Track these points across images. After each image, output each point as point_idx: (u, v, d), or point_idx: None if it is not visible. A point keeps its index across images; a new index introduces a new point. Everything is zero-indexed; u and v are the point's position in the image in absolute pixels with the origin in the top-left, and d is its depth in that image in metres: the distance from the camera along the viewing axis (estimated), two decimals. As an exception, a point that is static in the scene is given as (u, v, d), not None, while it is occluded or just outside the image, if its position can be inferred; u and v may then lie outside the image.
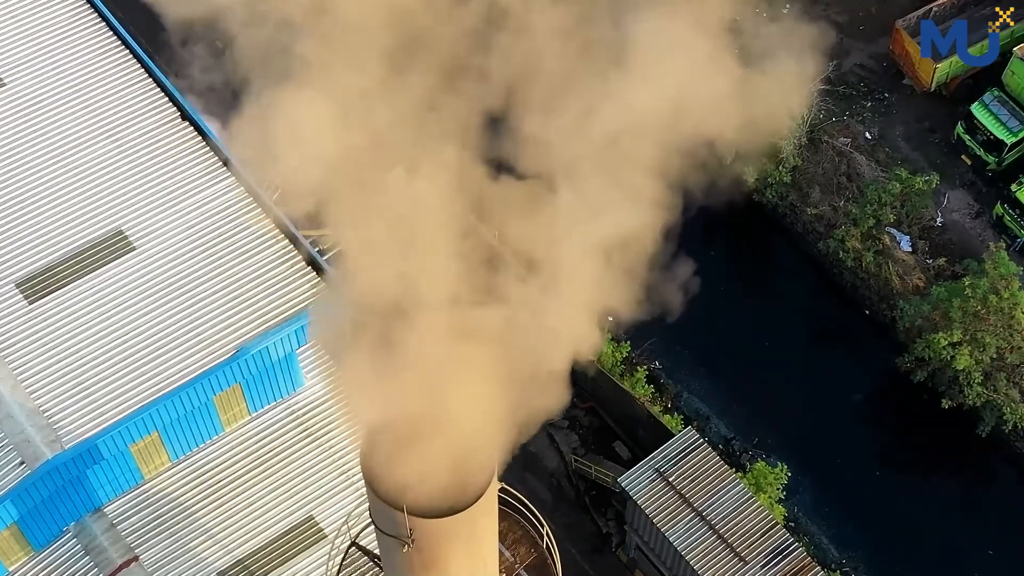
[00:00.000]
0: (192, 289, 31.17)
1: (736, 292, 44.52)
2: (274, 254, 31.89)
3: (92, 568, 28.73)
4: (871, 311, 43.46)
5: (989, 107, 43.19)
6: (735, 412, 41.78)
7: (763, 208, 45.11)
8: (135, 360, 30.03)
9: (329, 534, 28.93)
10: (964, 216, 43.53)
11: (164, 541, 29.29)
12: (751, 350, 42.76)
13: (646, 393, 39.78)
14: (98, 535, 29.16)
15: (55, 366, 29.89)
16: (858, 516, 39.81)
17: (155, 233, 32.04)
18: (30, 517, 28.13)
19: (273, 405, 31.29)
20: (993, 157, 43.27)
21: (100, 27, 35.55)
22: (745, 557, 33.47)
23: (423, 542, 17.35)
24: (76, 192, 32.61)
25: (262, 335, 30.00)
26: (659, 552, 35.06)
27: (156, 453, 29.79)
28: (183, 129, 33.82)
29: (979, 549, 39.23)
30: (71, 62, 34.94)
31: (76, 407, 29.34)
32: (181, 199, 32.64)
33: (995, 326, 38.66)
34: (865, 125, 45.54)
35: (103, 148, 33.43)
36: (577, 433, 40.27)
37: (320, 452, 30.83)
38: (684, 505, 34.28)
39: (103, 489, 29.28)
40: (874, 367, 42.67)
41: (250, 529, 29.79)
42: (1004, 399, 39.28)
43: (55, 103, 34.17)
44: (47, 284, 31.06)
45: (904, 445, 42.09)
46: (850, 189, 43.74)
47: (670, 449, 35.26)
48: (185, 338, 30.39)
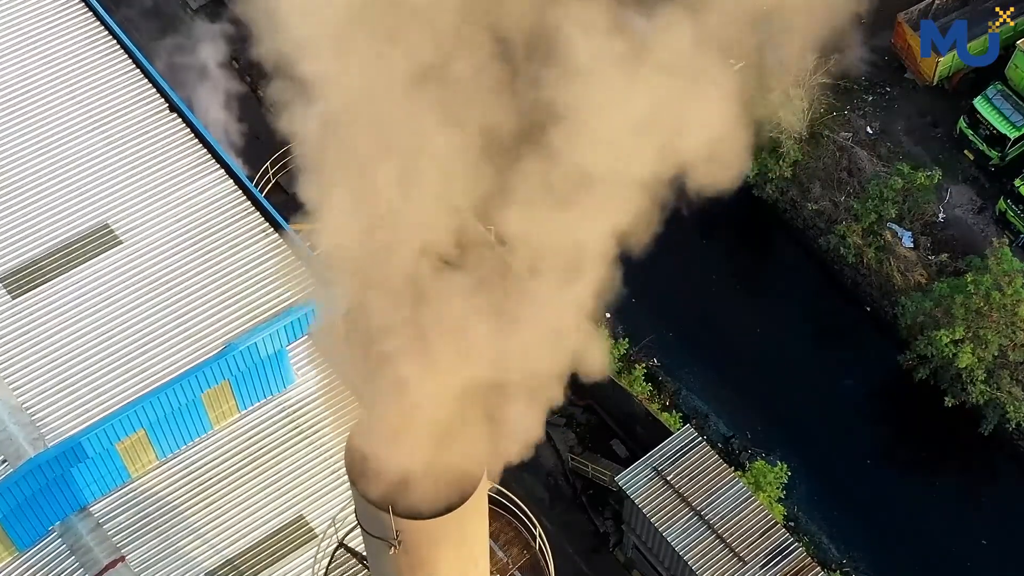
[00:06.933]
0: (179, 284, 30.64)
1: (736, 288, 44.40)
2: (263, 248, 31.42)
3: (78, 568, 28.28)
4: (872, 308, 43.20)
5: (992, 101, 42.87)
6: (734, 410, 41.59)
7: (763, 203, 44.85)
8: (121, 356, 29.50)
9: (320, 534, 28.55)
10: (967, 212, 43.22)
11: (151, 541, 28.88)
12: (750, 347, 42.58)
13: (644, 390, 39.69)
14: (84, 535, 28.72)
15: (39, 362, 29.35)
16: (859, 515, 39.61)
17: (142, 227, 31.51)
18: (13, 516, 27.67)
19: (263, 402, 30.89)
20: (996, 152, 42.94)
21: (87, 16, 35.04)
22: (744, 557, 33.25)
23: (410, 544, 16.99)
24: (61, 185, 32.04)
25: (251, 331, 29.55)
26: (657, 552, 34.80)
27: (143, 451, 29.38)
28: (171, 121, 33.26)
29: (981, 549, 38.97)
30: (57, 52, 34.34)
31: (60, 404, 28.81)
32: (168, 192, 32.11)
33: (998, 323, 38.41)
34: (867, 119, 45.20)
35: (89, 140, 32.85)
36: (574, 431, 40.07)
37: (311, 450, 30.46)
38: (682, 504, 34.06)
39: (88, 488, 28.82)
40: (875, 364, 42.45)
41: (239, 529, 29.40)
42: (1007, 397, 39.06)
43: (40, 93, 33.56)
44: (31, 279, 30.53)
45: (906, 443, 41.91)
46: (851, 184, 43.44)
47: (668, 447, 35.03)
48: (172, 334, 29.88)
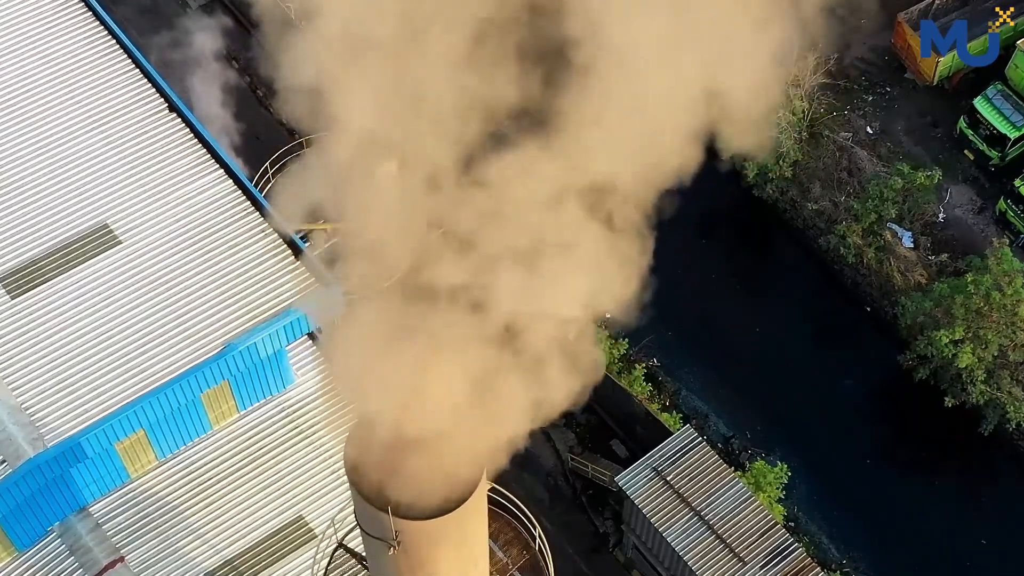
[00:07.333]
0: (179, 284, 30.56)
1: (736, 288, 44.37)
2: (263, 248, 31.34)
3: (77, 569, 28.17)
4: (872, 308, 43.17)
5: (992, 101, 42.84)
6: (734, 410, 41.55)
7: (763, 203, 44.81)
8: (120, 356, 29.43)
9: (319, 534, 28.52)
10: (967, 212, 43.18)
11: (151, 541, 28.78)
12: (750, 347, 42.54)
13: (644, 391, 39.63)
14: (83, 535, 28.63)
15: (38, 362, 29.27)
16: (859, 515, 39.57)
17: (141, 226, 31.44)
18: (12, 517, 27.58)
19: (263, 403, 30.79)
20: (996, 152, 42.90)
21: (86, 16, 34.97)
22: (744, 557, 33.19)
23: (409, 544, 16.96)
24: (60, 184, 31.95)
25: (251, 331, 29.47)
26: (657, 552, 34.73)
27: (142, 451, 29.30)
28: (171, 121, 33.18)
29: (981, 549, 38.91)
30: (56, 51, 34.27)
31: (59, 404, 28.73)
32: (168, 192, 32.03)
33: (998, 323, 38.37)
34: (866, 119, 45.16)
35: (88, 139, 32.78)
36: (574, 431, 40.03)
37: (311, 451, 30.35)
38: (682, 504, 34.00)
39: (88, 488, 28.72)
40: (875, 364, 42.42)
41: (239, 529, 29.30)
42: (1007, 397, 39.00)
43: (39, 93, 33.49)
44: (30, 279, 30.44)
45: (906, 443, 41.88)
46: (851, 184, 43.41)
47: (668, 447, 34.97)
48: (172, 334, 29.81)
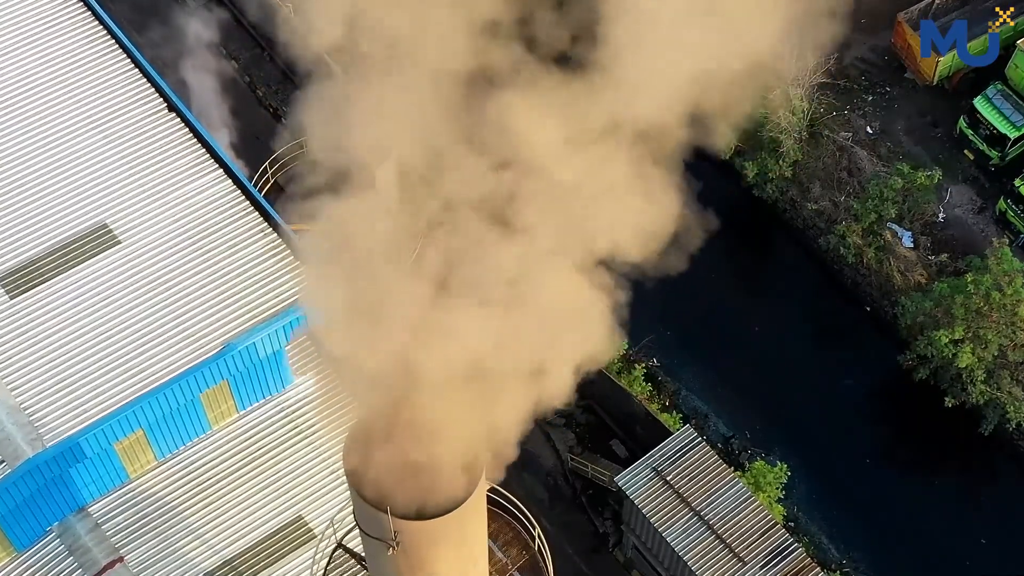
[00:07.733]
0: (178, 284, 30.59)
1: (735, 288, 44.27)
2: (262, 248, 31.36)
3: (76, 569, 28.20)
4: (872, 308, 43.12)
5: (992, 101, 42.76)
6: (734, 410, 41.48)
7: (763, 203, 44.74)
8: (119, 356, 29.44)
9: (318, 534, 28.51)
10: (967, 212, 43.12)
11: (150, 542, 28.81)
12: (750, 347, 42.48)
13: (644, 391, 39.56)
14: (82, 535, 28.65)
15: (37, 362, 29.29)
16: (859, 515, 39.49)
17: (140, 226, 31.46)
18: (11, 517, 27.61)
19: (262, 403, 30.81)
20: (996, 152, 42.83)
21: (85, 15, 34.97)
22: (744, 557, 33.13)
23: (409, 544, 16.92)
24: (59, 184, 31.99)
25: (249, 331, 29.47)
26: (657, 552, 34.68)
27: (141, 451, 29.30)
28: (170, 121, 33.21)
29: (981, 549, 38.87)
30: (56, 51, 34.29)
31: (58, 404, 28.75)
32: (167, 192, 32.05)
33: (998, 323, 38.30)
34: (866, 119, 45.11)
35: (87, 139, 32.80)
36: (574, 431, 39.95)
37: (310, 451, 30.37)
38: (682, 504, 33.94)
39: (87, 488, 28.75)
40: (875, 364, 42.35)
41: (238, 529, 29.32)
42: (1007, 397, 38.93)
43: (38, 93, 33.52)
44: (29, 278, 30.47)
45: (906, 443, 41.80)
46: (851, 184, 43.36)
47: (668, 447, 34.91)
48: (171, 334, 29.83)
